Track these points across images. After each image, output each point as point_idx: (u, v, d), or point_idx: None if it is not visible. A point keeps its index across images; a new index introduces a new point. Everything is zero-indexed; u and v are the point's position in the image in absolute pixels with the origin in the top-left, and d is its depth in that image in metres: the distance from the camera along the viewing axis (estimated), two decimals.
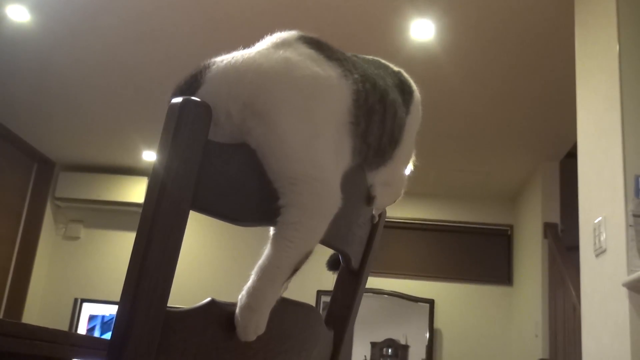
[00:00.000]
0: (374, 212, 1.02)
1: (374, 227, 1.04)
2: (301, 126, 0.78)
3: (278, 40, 0.84)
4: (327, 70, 0.83)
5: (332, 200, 0.80)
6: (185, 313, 0.70)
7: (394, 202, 1.05)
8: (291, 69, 0.80)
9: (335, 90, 0.83)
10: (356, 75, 0.86)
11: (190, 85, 0.79)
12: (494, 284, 5.38)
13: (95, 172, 5.56)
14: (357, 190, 0.94)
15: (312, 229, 0.78)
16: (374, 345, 5.15)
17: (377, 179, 0.96)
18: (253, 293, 0.73)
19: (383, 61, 1.02)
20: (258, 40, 0.87)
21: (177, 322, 0.68)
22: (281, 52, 0.81)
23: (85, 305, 5.37)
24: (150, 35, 3.59)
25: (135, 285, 0.64)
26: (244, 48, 0.88)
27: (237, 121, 0.77)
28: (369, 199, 0.97)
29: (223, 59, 0.81)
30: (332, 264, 1.05)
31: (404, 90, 0.98)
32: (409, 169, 1.04)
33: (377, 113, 0.88)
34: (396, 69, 1.02)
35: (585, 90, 2.63)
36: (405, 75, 1.02)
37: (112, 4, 3.34)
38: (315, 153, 0.79)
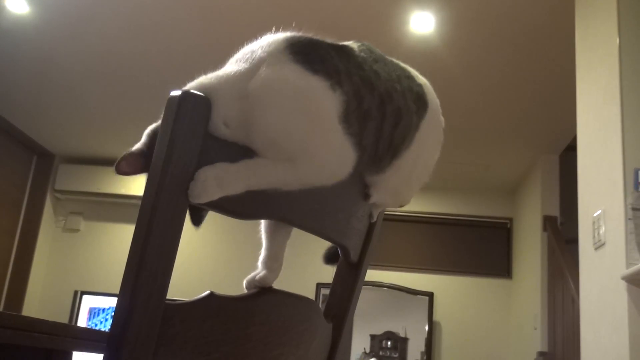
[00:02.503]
0: (372, 211, 1.01)
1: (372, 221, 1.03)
2: (294, 119, 0.79)
3: (264, 54, 0.81)
4: (311, 83, 0.81)
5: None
6: (184, 305, 0.70)
7: (398, 207, 1.04)
8: (273, 95, 0.79)
9: (320, 101, 0.81)
10: (346, 87, 0.83)
11: None
12: (493, 277, 5.39)
13: (95, 165, 5.56)
14: (356, 183, 0.94)
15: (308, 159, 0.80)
16: (373, 337, 5.16)
17: (377, 184, 0.95)
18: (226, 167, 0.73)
19: (409, 70, 0.99)
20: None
21: (176, 315, 0.69)
22: (263, 71, 0.79)
23: (85, 297, 5.38)
24: (149, 27, 3.58)
25: (135, 277, 0.64)
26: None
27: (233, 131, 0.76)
28: (365, 196, 0.96)
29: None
30: (329, 258, 1.05)
31: (418, 104, 0.95)
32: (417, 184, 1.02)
33: (374, 119, 0.86)
34: (420, 81, 0.99)
35: (585, 83, 2.63)
36: (425, 89, 0.99)
37: None
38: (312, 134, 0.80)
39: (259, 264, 0.92)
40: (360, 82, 0.86)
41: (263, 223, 0.96)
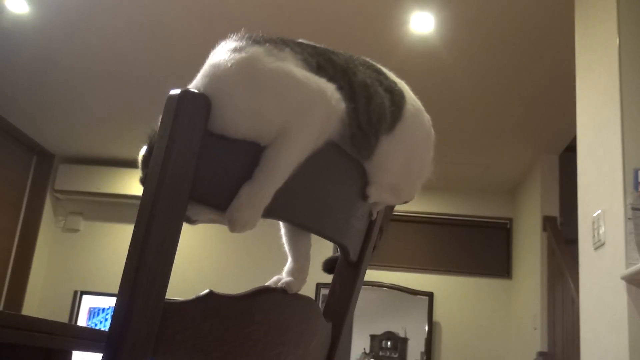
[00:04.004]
0: (372, 209, 1.01)
1: (372, 220, 1.03)
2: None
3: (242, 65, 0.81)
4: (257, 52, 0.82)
5: (318, 107, 0.81)
6: (183, 304, 0.70)
7: (402, 203, 1.05)
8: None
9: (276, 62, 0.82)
10: (299, 54, 0.85)
11: None
12: (493, 277, 5.39)
13: (94, 165, 5.56)
14: (355, 183, 0.94)
15: (303, 127, 0.79)
16: (373, 337, 5.16)
17: (373, 175, 0.95)
18: (248, 189, 0.74)
19: (381, 69, 0.99)
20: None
21: (176, 314, 0.69)
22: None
23: (84, 297, 5.38)
24: (149, 26, 3.58)
25: (134, 276, 0.64)
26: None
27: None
28: (364, 196, 0.96)
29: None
30: (328, 266, 1.06)
31: (392, 94, 0.95)
32: (415, 180, 1.02)
33: (341, 88, 0.86)
34: (393, 78, 1.00)
35: (585, 83, 2.63)
36: (400, 86, 0.99)
37: None
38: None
39: (284, 273, 0.94)
40: (316, 54, 0.88)
41: (283, 234, 0.98)
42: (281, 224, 0.96)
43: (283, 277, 0.92)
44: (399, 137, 0.95)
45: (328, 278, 1.04)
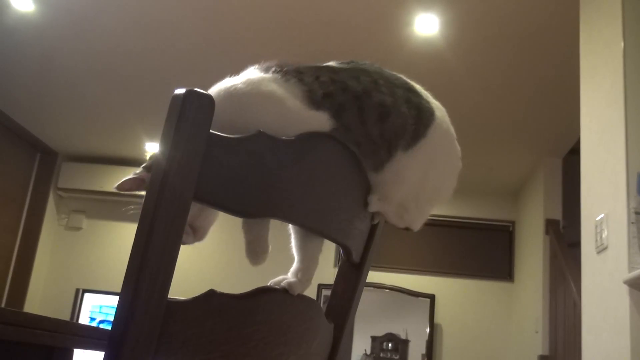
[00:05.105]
0: (374, 215, 1.01)
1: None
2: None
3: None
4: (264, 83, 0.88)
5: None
6: (185, 303, 0.70)
7: (403, 227, 1.03)
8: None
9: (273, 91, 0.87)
10: (307, 80, 0.90)
11: None
12: (495, 280, 5.39)
13: (98, 163, 5.57)
14: (359, 186, 0.94)
15: None
16: (374, 339, 5.16)
17: (378, 187, 0.95)
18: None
19: (415, 87, 1.00)
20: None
21: (178, 313, 0.69)
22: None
23: (86, 295, 5.39)
24: (153, 26, 3.59)
25: (137, 275, 0.64)
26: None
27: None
28: (365, 204, 0.96)
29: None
30: None
31: (419, 112, 0.96)
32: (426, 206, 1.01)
33: (349, 110, 0.90)
34: (427, 98, 1.00)
35: (588, 86, 2.62)
36: (433, 105, 1.00)
37: None
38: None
39: (289, 274, 0.94)
40: (330, 82, 0.91)
41: (292, 235, 0.97)
42: (290, 225, 0.96)
43: (287, 277, 0.92)
44: (419, 155, 0.95)
45: (330, 279, 1.04)
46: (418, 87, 1.01)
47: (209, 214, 0.92)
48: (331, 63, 0.97)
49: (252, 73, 0.89)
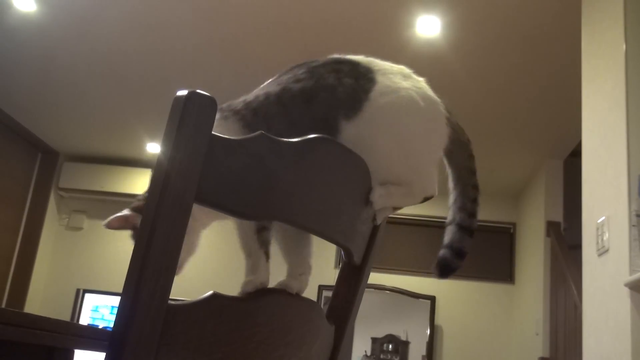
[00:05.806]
0: (377, 215, 1.00)
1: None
2: None
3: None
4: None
5: None
6: (187, 305, 0.70)
7: (416, 202, 1.03)
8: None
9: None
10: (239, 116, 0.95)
11: None
12: (495, 282, 5.38)
13: (99, 163, 5.57)
14: (359, 186, 0.94)
15: None
16: (374, 340, 5.16)
17: (372, 179, 0.95)
18: None
19: (354, 60, 1.01)
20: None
21: (179, 315, 0.69)
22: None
23: (87, 295, 5.39)
24: (154, 26, 3.59)
25: (138, 276, 0.64)
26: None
27: None
28: (368, 201, 0.96)
29: None
30: (444, 268, 1.08)
31: (358, 81, 0.96)
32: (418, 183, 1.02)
33: (276, 115, 0.95)
34: (355, 60, 1.01)
35: (590, 88, 2.62)
36: (366, 67, 0.99)
37: None
38: None
39: (286, 277, 0.94)
40: (254, 98, 0.97)
41: (277, 242, 0.97)
42: (274, 236, 0.96)
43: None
44: (370, 118, 0.94)
45: (330, 280, 1.04)
46: (367, 59, 1.01)
47: (187, 246, 0.91)
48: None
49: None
